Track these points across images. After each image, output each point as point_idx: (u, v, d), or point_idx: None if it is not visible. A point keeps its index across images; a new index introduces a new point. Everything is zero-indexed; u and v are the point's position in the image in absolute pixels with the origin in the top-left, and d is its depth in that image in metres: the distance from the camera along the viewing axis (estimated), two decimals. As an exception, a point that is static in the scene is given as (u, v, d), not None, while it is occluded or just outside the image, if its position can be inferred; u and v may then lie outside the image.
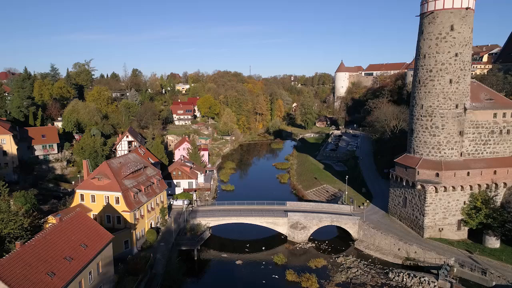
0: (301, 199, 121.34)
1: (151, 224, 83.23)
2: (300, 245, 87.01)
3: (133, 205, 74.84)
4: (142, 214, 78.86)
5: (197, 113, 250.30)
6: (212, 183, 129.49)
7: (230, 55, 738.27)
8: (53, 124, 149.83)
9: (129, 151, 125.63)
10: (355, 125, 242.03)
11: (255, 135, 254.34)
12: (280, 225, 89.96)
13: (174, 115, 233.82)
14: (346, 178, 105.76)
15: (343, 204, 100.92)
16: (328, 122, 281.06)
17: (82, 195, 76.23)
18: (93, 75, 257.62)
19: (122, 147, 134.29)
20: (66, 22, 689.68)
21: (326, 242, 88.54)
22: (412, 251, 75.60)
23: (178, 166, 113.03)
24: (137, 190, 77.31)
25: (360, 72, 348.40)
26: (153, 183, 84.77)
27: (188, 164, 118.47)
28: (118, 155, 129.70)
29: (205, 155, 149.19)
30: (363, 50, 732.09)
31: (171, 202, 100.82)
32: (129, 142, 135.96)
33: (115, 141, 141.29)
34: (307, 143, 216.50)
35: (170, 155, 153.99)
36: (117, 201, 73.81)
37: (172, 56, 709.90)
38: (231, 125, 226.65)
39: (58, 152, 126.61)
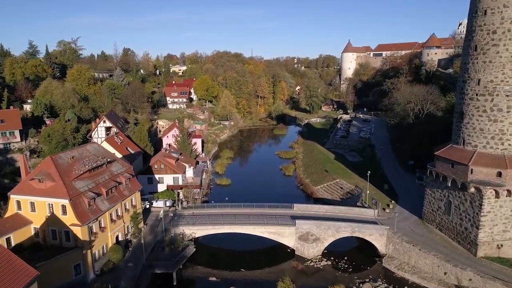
0: (309, 196, 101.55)
1: (117, 237, 63.66)
2: (312, 263, 67.33)
3: (87, 216, 55.10)
4: (102, 226, 59.22)
5: (194, 96, 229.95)
6: (204, 176, 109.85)
7: (231, 39, 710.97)
8: (22, 107, 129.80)
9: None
10: (365, 109, 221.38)
11: (256, 120, 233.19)
12: (286, 236, 70.26)
13: (168, 98, 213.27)
14: (368, 174, 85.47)
15: (364, 206, 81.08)
16: (335, 106, 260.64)
17: (18, 202, 56.55)
18: (80, 54, 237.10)
19: (98, 134, 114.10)
20: (64, 4, 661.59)
21: (345, 258, 68.83)
22: (466, 277, 55.88)
23: (161, 158, 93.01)
24: (94, 195, 57.42)
25: (368, 52, 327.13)
26: (120, 183, 64.84)
27: (174, 155, 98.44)
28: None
29: (197, 143, 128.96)
30: (371, 29, 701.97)
31: (147, 205, 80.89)
32: (107, 128, 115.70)
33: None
34: (313, 128, 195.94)
35: (160, 143, 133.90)
36: (64, 211, 54.12)
37: (171, 40, 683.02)
38: (230, 108, 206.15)
39: (22, 141, 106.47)
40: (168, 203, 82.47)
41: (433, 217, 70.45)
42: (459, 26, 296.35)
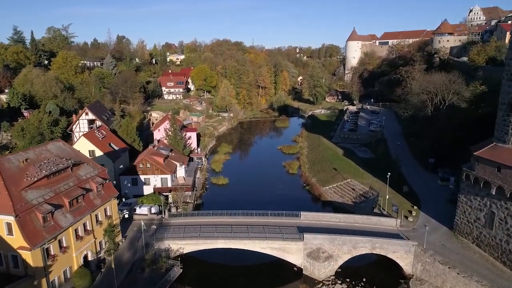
0: (317, 199, 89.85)
1: (85, 257, 52.01)
2: (324, 286, 55.62)
3: (41, 236, 43.34)
4: (64, 245, 47.51)
5: (192, 86, 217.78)
6: (198, 175, 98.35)
7: (231, 28, 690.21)
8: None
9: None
10: (372, 100, 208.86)
11: (257, 111, 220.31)
12: (292, 252, 58.50)
13: (164, 88, 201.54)
14: (388, 176, 73.16)
15: (383, 214, 69.29)
16: (340, 97, 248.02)
17: (-46, 218, 44.78)
18: (72, 42, 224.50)
19: (80, 128, 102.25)
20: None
21: (364, 279, 57.00)
22: (521, 313, 44.32)
23: (147, 155, 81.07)
24: (51, 208, 45.51)
25: (374, 41, 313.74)
26: (89, 191, 53.01)
27: (164, 152, 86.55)
28: (75, 139, 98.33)
29: (192, 137, 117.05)
30: (376, 17, 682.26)
31: (126, 214, 68.56)
32: (90, 121, 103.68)
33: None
34: (318, 121, 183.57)
35: (152, 137, 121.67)
36: (10, 230, 42.38)
37: (170, 30, 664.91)
38: (229, 99, 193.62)
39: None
40: (153, 210, 70.63)
41: (469, 229, 58.61)
42: (470, 13, 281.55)
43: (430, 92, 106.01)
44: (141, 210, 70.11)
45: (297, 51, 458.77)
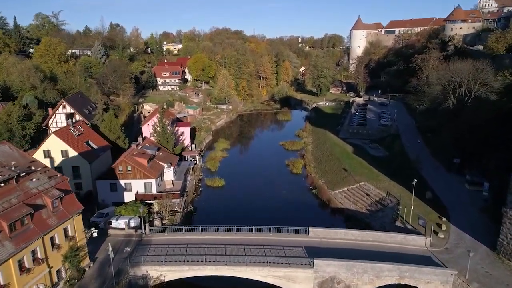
0: (325, 205, 78.28)
1: (35, 293, 40.81)
2: (339, 326, 44.63)
3: (-39, 277, 32.05)
4: (1, 283, 36.24)
5: (189, 77, 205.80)
6: (191, 177, 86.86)
7: (232, 19, 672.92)
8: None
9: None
10: (379, 91, 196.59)
11: (258, 103, 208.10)
12: (299, 282, 46.96)
13: (158, 79, 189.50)
14: (414, 184, 61.19)
15: (408, 230, 57.67)
16: (344, 88, 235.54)
17: None
18: (63, 29, 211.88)
19: (57, 123, 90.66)
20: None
21: (389, 317, 45.97)
22: None
23: (128, 157, 69.32)
24: (-20, 236, 34.27)
25: (380, 30, 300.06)
26: (41, 207, 41.52)
27: (149, 151, 75.00)
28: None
29: (185, 132, 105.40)
30: (380, 5, 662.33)
31: (94, 233, 55.55)
32: (69, 115, 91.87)
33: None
34: (322, 113, 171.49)
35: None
36: None
37: (169, 21, 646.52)
38: (228, 90, 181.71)
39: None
40: (133, 222, 59.05)
41: (519, 253, 47.29)
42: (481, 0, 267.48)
43: (453, 82, 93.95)
44: (118, 223, 58.51)
45: (299, 41, 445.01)
